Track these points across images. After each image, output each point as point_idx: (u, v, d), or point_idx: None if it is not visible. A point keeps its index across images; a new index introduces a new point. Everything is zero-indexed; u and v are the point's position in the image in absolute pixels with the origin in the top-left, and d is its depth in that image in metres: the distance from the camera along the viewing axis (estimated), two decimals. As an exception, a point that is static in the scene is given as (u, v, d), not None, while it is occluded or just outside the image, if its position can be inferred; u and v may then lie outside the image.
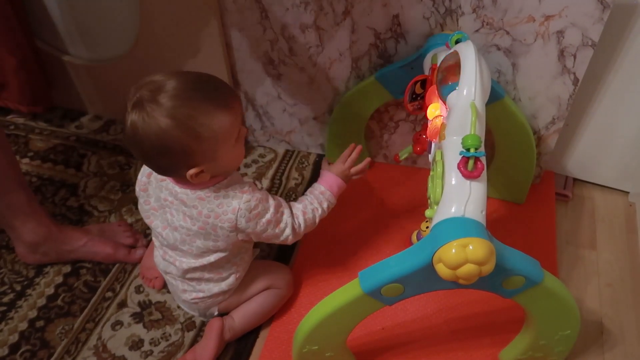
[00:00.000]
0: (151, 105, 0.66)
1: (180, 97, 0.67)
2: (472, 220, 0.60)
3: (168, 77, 0.69)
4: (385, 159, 1.16)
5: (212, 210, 0.75)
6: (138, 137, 0.68)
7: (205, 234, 0.77)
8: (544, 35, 0.86)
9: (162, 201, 0.79)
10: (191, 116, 0.67)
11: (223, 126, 0.70)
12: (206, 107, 0.68)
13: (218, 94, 0.71)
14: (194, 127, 0.67)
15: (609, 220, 1.07)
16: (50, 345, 0.87)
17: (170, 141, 0.67)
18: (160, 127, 0.66)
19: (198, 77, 0.71)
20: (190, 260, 0.80)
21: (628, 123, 1.00)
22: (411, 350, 0.86)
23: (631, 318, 0.91)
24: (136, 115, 0.67)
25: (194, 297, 0.84)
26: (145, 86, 0.68)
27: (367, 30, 0.93)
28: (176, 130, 0.67)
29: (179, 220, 0.77)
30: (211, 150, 0.70)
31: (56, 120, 1.29)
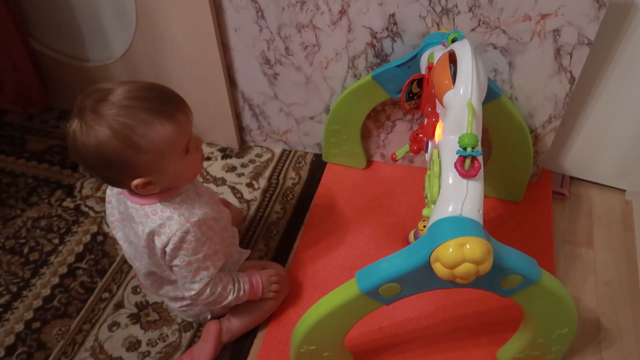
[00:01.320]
0: (90, 115, 0.64)
1: (121, 106, 0.65)
2: (469, 220, 0.60)
3: (116, 85, 0.67)
4: (382, 158, 1.16)
5: (153, 229, 0.72)
6: (78, 148, 0.66)
7: (148, 252, 0.75)
8: (540, 34, 0.86)
9: (122, 214, 0.78)
10: (129, 126, 0.64)
11: (164, 138, 0.66)
12: (146, 117, 0.65)
13: (162, 104, 0.67)
14: (132, 138, 0.65)
15: (606, 219, 1.07)
16: (47, 347, 0.87)
17: (108, 152, 0.65)
18: (97, 137, 0.64)
19: (146, 87, 0.68)
20: (149, 277, 0.80)
21: (624, 121, 1.00)
22: (409, 349, 0.86)
23: (628, 316, 0.91)
24: (76, 125, 0.65)
25: (180, 306, 0.84)
26: (90, 95, 0.66)
27: (363, 30, 0.93)
28: (113, 141, 0.64)
29: (132, 235, 0.77)
30: (153, 162, 0.67)
31: (52, 121, 1.29)
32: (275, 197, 1.10)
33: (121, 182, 0.71)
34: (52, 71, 1.23)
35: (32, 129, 1.27)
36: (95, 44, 1.17)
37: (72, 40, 1.18)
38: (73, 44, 1.19)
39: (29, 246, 1.01)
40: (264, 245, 1.00)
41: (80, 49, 1.19)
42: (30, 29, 1.19)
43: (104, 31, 1.13)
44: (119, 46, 1.13)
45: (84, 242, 1.02)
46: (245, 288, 0.82)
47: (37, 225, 1.05)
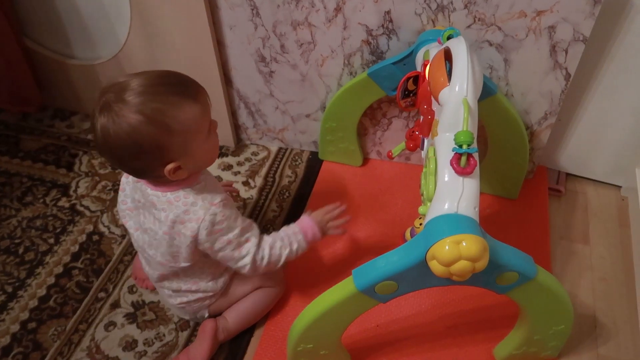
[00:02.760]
0: (118, 105, 0.65)
1: (147, 92, 0.66)
2: (465, 217, 0.60)
3: (131, 77, 0.68)
4: (379, 155, 1.15)
5: (177, 215, 0.73)
6: (110, 140, 0.66)
7: (169, 239, 0.75)
8: (535, 31, 0.86)
9: (136, 202, 0.78)
10: (160, 110, 0.66)
11: (193, 118, 0.69)
12: (174, 100, 0.67)
13: (184, 87, 0.70)
14: (164, 121, 0.66)
15: (602, 215, 1.08)
16: (43, 347, 0.86)
17: (142, 138, 0.66)
18: (130, 124, 0.65)
19: (161, 73, 0.70)
20: (159, 267, 0.80)
21: (620, 117, 1.01)
22: (406, 346, 0.86)
23: (624, 312, 0.92)
24: (105, 118, 0.66)
25: (179, 302, 0.84)
26: (110, 89, 0.67)
27: (358, 27, 0.93)
28: (147, 126, 0.65)
29: (149, 223, 0.76)
30: (184, 144, 0.69)
31: (47, 119, 1.28)
32: (272, 195, 1.10)
33: (151, 171, 0.71)
34: (47, 70, 1.22)
35: (27, 128, 1.26)
36: (89, 42, 1.16)
37: (67, 39, 1.17)
38: (67, 42, 1.18)
39: (24, 246, 1.01)
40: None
41: (75, 48, 1.19)
42: (24, 28, 1.18)
43: (98, 29, 1.13)
44: (114, 44, 1.13)
45: (79, 242, 1.02)
46: (298, 238, 0.80)
47: (32, 225, 1.05)
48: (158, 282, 0.83)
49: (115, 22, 1.10)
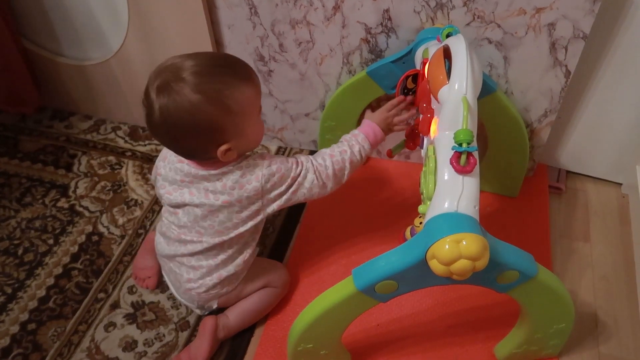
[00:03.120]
0: (179, 84, 0.67)
1: (205, 73, 0.68)
2: (465, 216, 0.60)
3: (184, 58, 0.70)
4: (378, 154, 1.15)
5: (236, 181, 0.75)
6: (169, 120, 0.68)
7: (229, 207, 0.76)
8: (535, 28, 0.86)
9: (178, 182, 0.78)
10: (219, 90, 0.68)
11: (249, 98, 0.71)
12: (231, 81, 0.70)
13: (238, 68, 0.72)
14: (224, 101, 0.69)
15: (603, 213, 1.07)
16: (43, 348, 0.86)
17: (201, 117, 0.68)
18: (191, 102, 0.67)
19: (214, 55, 0.73)
20: (209, 239, 0.79)
21: (620, 115, 1.00)
22: (407, 346, 0.86)
23: (625, 310, 0.91)
24: (165, 98, 0.68)
25: (200, 285, 0.82)
26: (165, 70, 0.69)
27: (357, 25, 0.93)
28: (207, 105, 0.68)
29: (200, 198, 0.76)
30: (239, 125, 0.71)
31: (45, 120, 1.28)
32: (271, 194, 1.10)
33: (203, 152, 0.73)
34: (45, 70, 1.22)
35: (25, 129, 1.26)
36: (87, 42, 1.16)
37: (65, 39, 1.17)
38: (65, 42, 1.18)
39: (24, 247, 1.01)
40: (260, 244, 1.00)
41: (73, 48, 1.18)
42: (22, 28, 1.18)
43: (96, 29, 1.12)
44: (112, 44, 1.12)
45: (79, 243, 1.02)
46: (359, 138, 0.82)
47: (31, 226, 1.04)
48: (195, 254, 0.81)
49: (112, 23, 1.09)
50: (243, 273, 0.85)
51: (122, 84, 1.18)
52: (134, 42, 1.07)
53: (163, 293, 0.93)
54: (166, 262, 0.86)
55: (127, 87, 1.18)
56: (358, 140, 0.82)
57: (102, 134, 1.24)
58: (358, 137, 0.82)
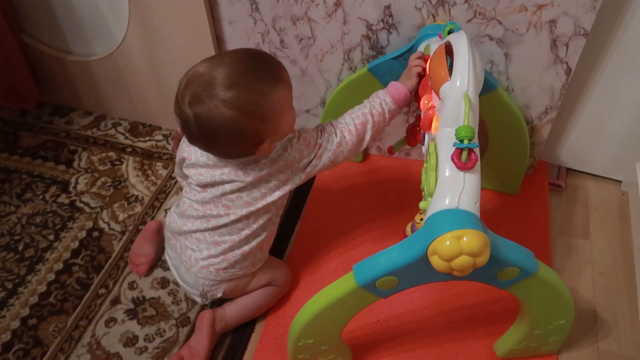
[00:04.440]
0: (212, 101, 0.68)
1: (237, 85, 0.68)
2: (466, 212, 0.60)
3: (213, 66, 0.69)
4: (379, 151, 1.15)
5: (267, 157, 0.76)
6: (206, 130, 0.69)
7: (259, 181, 0.77)
8: (536, 25, 0.86)
9: (211, 165, 0.78)
10: (253, 102, 0.69)
11: (282, 99, 0.72)
12: (264, 88, 0.70)
13: (268, 71, 0.72)
14: (259, 111, 0.70)
15: (602, 210, 1.07)
16: (44, 344, 0.86)
17: (239, 129, 0.69)
18: (227, 119, 0.68)
19: (243, 58, 0.71)
20: (237, 210, 0.78)
21: (621, 112, 1.00)
22: (407, 342, 0.86)
23: (624, 306, 0.92)
24: (199, 109, 0.68)
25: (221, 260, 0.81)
26: (195, 81, 0.69)
27: (358, 22, 0.93)
28: (243, 119, 0.69)
29: (230, 176, 0.77)
30: (276, 124, 0.73)
31: (46, 116, 1.28)
32: (272, 191, 1.10)
33: (244, 153, 0.75)
34: (45, 66, 1.22)
35: (25, 125, 1.26)
36: (87, 38, 1.15)
37: (64, 35, 1.17)
38: (65, 38, 1.17)
39: (24, 243, 1.01)
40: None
41: (73, 44, 1.18)
42: (21, 24, 1.18)
43: (96, 25, 1.12)
44: (113, 40, 1.12)
45: (79, 238, 1.02)
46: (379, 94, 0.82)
47: (32, 222, 1.04)
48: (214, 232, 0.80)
49: (113, 18, 1.09)
50: (262, 257, 0.85)
51: (122, 79, 1.18)
52: (135, 38, 1.07)
53: (164, 289, 0.94)
54: (181, 239, 0.84)
55: (127, 83, 1.18)
56: (378, 95, 0.83)
57: (103, 130, 1.24)
58: (379, 92, 0.83)
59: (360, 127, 0.81)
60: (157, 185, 1.11)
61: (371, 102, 0.82)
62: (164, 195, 1.10)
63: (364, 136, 0.81)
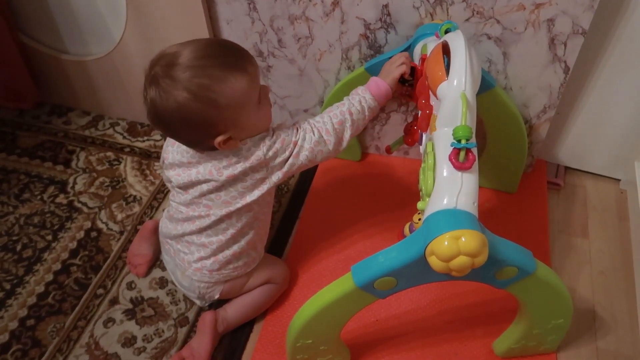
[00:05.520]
0: (165, 81, 0.67)
1: (193, 67, 0.67)
2: (464, 212, 0.60)
3: (181, 47, 0.70)
4: (378, 150, 1.15)
5: (240, 155, 0.75)
6: (159, 114, 0.70)
7: (234, 179, 0.76)
8: (534, 24, 0.85)
9: (186, 164, 0.78)
10: (206, 86, 0.68)
11: (240, 90, 0.70)
12: (220, 74, 0.68)
13: (231, 59, 0.70)
14: (211, 96, 0.68)
15: (601, 208, 1.07)
16: (42, 344, 0.86)
17: (190, 114, 0.68)
18: (177, 101, 0.67)
19: (210, 44, 0.71)
20: (216, 211, 0.78)
21: (619, 110, 1.00)
22: (405, 341, 0.86)
23: (623, 305, 0.92)
24: (153, 92, 0.68)
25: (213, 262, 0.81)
26: (160, 61, 0.69)
27: (356, 21, 0.92)
28: (194, 102, 0.67)
29: (205, 175, 0.76)
30: (233, 117, 0.71)
31: (44, 116, 1.28)
32: (270, 190, 1.10)
33: (204, 143, 0.73)
34: (43, 66, 1.21)
35: (24, 125, 1.25)
36: (85, 37, 1.15)
37: (62, 35, 1.16)
38: (63, 38, 1.17)
39: (22, 243, 1.01)
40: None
41: (70, 43, 1.18)
42: (19, 24, 1.17)
43: (94, 25, 1.12)
44: (110, 39, 1.12)
45: (77, 239, 1.02)
46: (359, 91, 0.81)
47: (30, 222, 1.04)
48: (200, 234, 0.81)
49: (110, 18, 1.09)
50: (257, 256, 0.85)
51: (120, 79, 1.17)
52: (133, 37, 1.07)
53: (162, 289, 0.93)
54: (173, 244, 0.85)
55: (125, 82, 1.18)
56: (358, 92, 0.82)
57: (101, 129, 1.24)
58: (358, 89, 0.82)
59: (338, 127, 0.79)
60: (156, 185, 1.11)
61: (350, 100, 0.81)
62: (162, 195, 1.10)
63: (342, 135, 0.80)
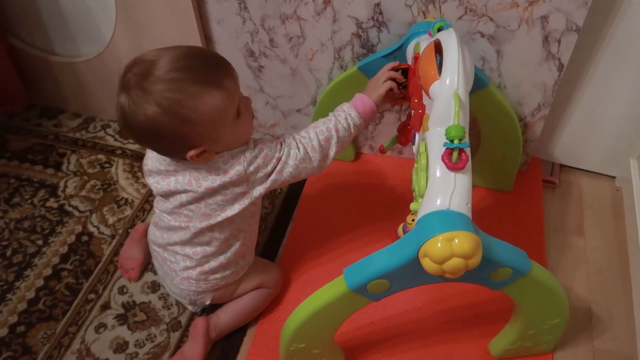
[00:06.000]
0: (137, 92, 0.65)
1: (167, 80, 0.64)
2: (457, 213, 0.59)
3: (158, 55, 0.66)
4: (371, 150, 1.14)
5: (218, 168, 0.72)
6: (128, 122, 0.67)
7: (212, 192, 0.74)
8: (528, 21, 0.85)
9: (164, 172, 0.76)
10: (178, 101, 0.65)
11: (214, 107, 0.67)
12: (193, 89, 0.65)
13: (208, 72, 0.67)
14: (182, 112, 0.65)
15: (597, 206, 1.07)
16: (33, 351, 0.85)
17: (160, 128, 0.66)
18: (147, 114, 0.65)
19: (188, 54, 0.67)
20: (197, 223, 0.76)
21: (614, 107, 1.00)
22: (401, 343, 0.86)
23: (620, 304, 0.91)
24: (124, 99, 0.66)
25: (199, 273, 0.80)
26: (134, 68, 0.66)
27: (348, 20, 0.91)
28: (164, 117, 0.65)
29: (184, 185, 0.74)
30: (207, 132, 0.68)
31: (34, 118, 1.26)
32: (263, 192, 1.09)
33: (176, 153, 0.71)
34: (33, 68, 1.20)
35: (13, 128, 1.24)
36: (76, 39, 1.14)
37: (53, 36, 1.15)
38: (54, 39, 1.16)
39: (12, 248, 0.99)
40: (253, 242, 0.99)
41: (61, 45, 1.16)
42: (8, 26, 1.16)
43: (84, 25, 1.11)
44: (101, 41, 1.11)
45: (68, 243, 1.00)
46: (344, 107, 0.79)
47: (20, 227, 1.03)
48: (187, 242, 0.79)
49: (100, 19, 1.07)
50: (246, 263, 0.83)
51: (111, 80, 1.15)
52: (122, 39, 1.06)
53: (154, 293, 0.92)
54: (160, 252, 0.84)
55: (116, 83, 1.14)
56: (344, 108, 0.79)
57: (92, 132, 1.23)
58: (344, 106, 0.80)
59: (324, 143, 0.77)
60: (147, 187, 1.10)
61: (336, 116, 0.78)
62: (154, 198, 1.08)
63: (328, 152, 0.77)
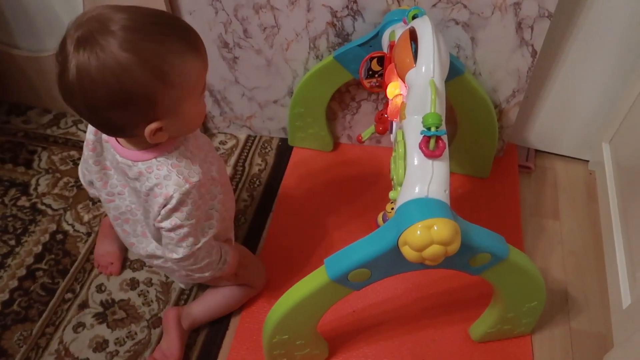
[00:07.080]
0: (106, 38, 0.53)
1: (141, 30, 0.55)
2: (436, 200, 0.59)
3: (114, 10, 0.56)
4: (349, 139, 1.14)
5: (150, 188, 0.65)
6: (87, 82, 0.54)
7: (144, 211, 0.70)
8: (501, 8, 0.85)
9: (112, 163, 0.70)
10: (158, 53, 0.55)
11: (193, 70, 0.59)
12: (176, 46, 0.57)
13: (186, 33, 0.59)
14: (162, 67, 0.56)
15: (571, 190, 1.09)
16: (9, 354, 0.83)
17: (131, 83, 0.55)
18: (120, 63, 0.53)
19: (154, 12, 0.58)
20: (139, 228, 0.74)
21: (586, 92, 1.01)
22: (383, 330, 0.86)
23: (595, 284, 0.93)
24: (86, 55, 0.53)
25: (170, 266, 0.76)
26: (91, 20, 0.55)
27: (322, 9, 0.90)
28: (140, 69, 0.54)
29: (120, 187, 0.71)
30: (176, 101, 0.59)
31: (1, 115, 1.22)
32: (242, 184, 1.08)
33: (129, 128, 0.60)
34: (0, 63, 1.16)
35: (-20, 125, 1.20)
36: (42, 32, 1.10)
37: (18, 30, 1.11)
38: (19, 33, 1.12)
39: (-16, 249, 0.97)
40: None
41: (27, 39, 1.13)
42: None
43: (50, 18, 1.07)
44: (68, 34, 1.08)
45: (42, 242, 0.98)
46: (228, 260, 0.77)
47: (-9, 227, 1.00)
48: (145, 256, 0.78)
49: (65, 12, 1.04)
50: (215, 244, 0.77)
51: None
52: (91, 31, 1.03)
53: (133, 290, 0.91)
54: None
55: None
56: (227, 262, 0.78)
57: (63, 128, 1.20)
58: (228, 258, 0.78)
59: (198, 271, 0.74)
60: (123, 183, 1.08)
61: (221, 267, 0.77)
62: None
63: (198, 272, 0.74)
